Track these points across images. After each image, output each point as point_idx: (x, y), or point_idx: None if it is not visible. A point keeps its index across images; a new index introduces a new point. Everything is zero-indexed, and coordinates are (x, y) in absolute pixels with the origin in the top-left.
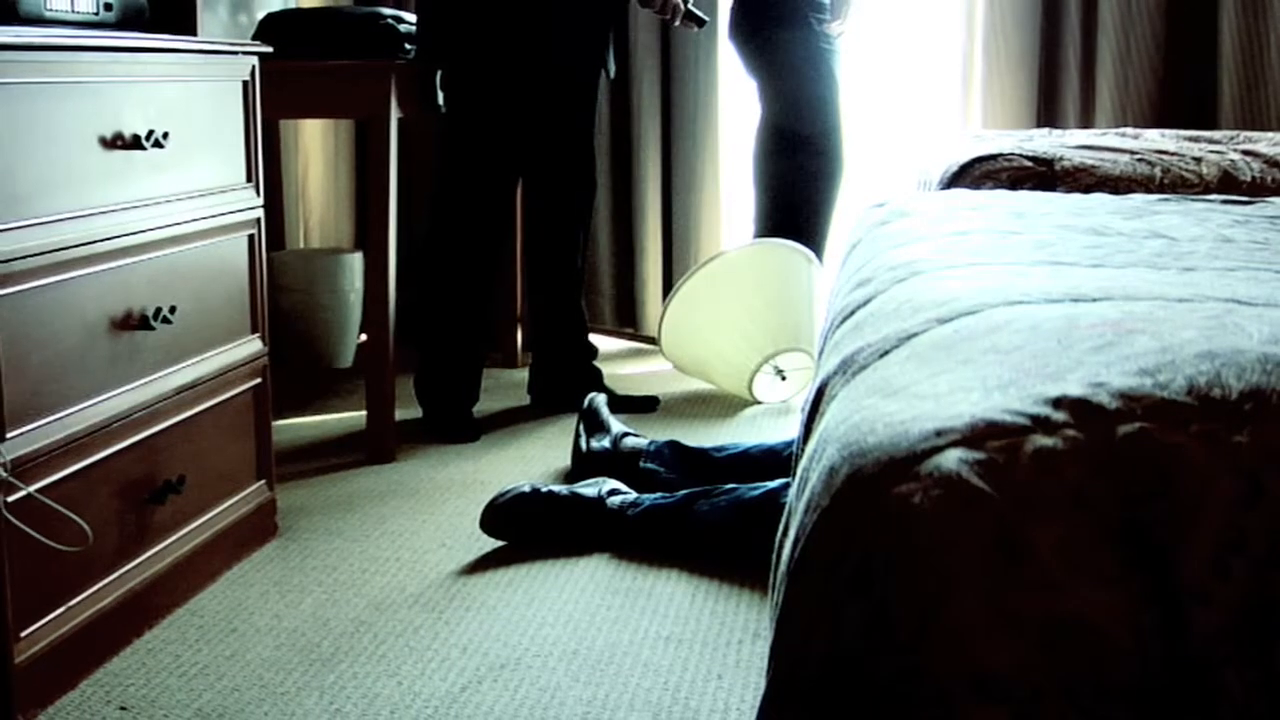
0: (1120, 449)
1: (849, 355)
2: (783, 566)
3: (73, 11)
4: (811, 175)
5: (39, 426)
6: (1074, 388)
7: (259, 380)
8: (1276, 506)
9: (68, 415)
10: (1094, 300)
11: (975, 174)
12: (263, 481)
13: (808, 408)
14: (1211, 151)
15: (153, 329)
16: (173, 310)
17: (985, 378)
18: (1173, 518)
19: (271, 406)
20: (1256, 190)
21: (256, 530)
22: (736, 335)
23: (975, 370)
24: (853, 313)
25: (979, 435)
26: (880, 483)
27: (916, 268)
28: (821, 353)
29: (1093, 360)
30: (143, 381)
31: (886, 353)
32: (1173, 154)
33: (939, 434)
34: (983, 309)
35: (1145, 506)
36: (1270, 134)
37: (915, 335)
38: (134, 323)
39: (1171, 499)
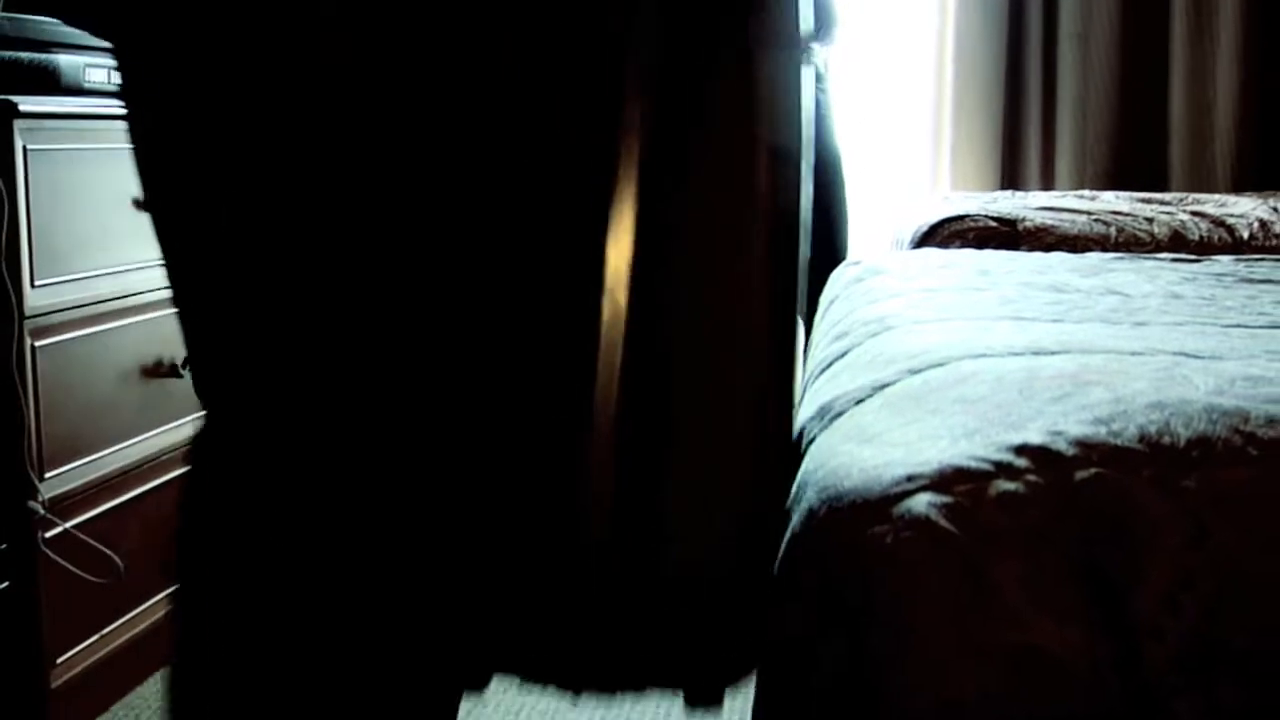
0: (1077, 493)
1: (826, 403)
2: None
3: (109, 83)
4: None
5: (75, 467)
6: (1034, 436)
7: None
8: (1222, 547)
9: (102, 457)
10: (1053, 353)
11: (944, 234)
12: None
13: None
14: (1162, 212)
15: (181, 376)
16: None
17: (952, 426)
18: (1127, 557)
19: None
20: (1204, 249)
21: None
22: None
23: (943, 419)
24: (830, 364)
25: (947, 480)
26: (856, 524)
27: (889, 322)
28: (801, 400)
29: (1052, 410)
30: (172, 425)
31: (861, 402)
32: (1127, 214)
33: (910, 479)
34: (950, 361)
35: (1101, 546)
36: (1216, 196)
37: (888, 386)
38: (164, 370)
39: (1125, 540)
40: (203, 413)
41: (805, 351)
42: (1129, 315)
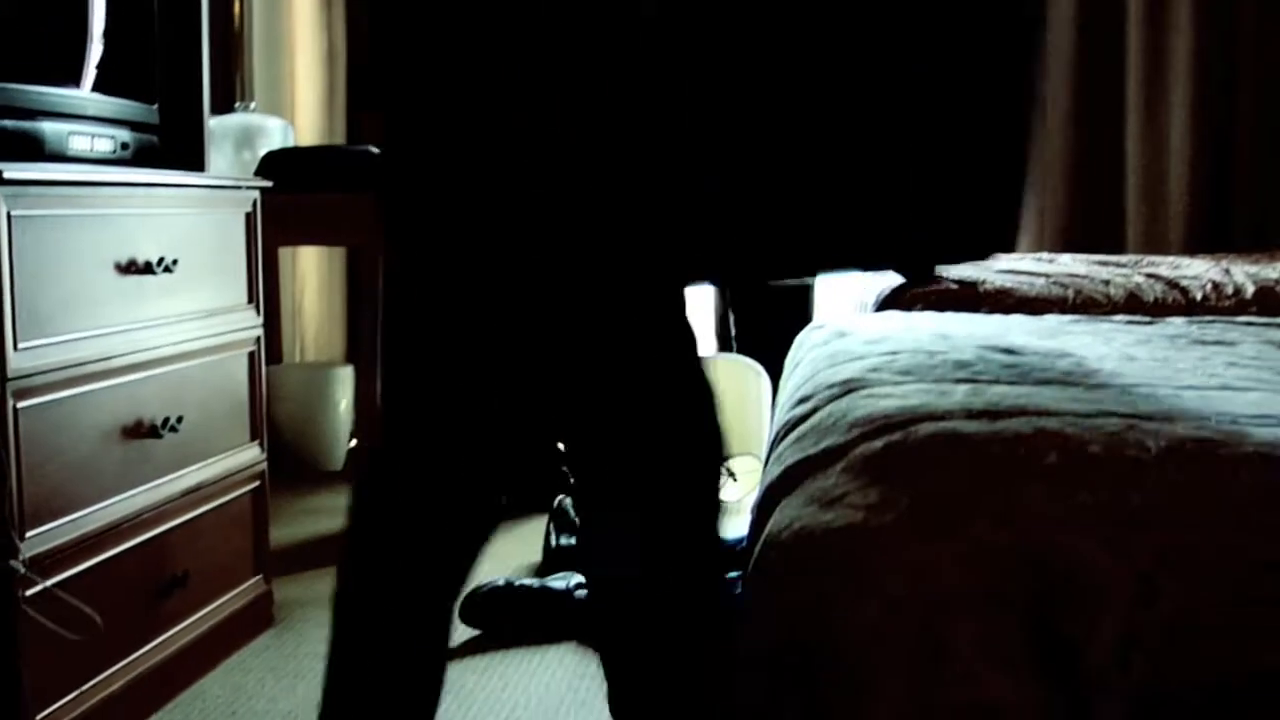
0: (1031, 554)
1: (790, 466)
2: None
3: (92, 150)
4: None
5: (56, 526)
6: (989, 499)
7: (258, 483)
8: (1170, 605)
9: (82, 516)
10: (1010, 416)
11: (906, 296)
12: (260, 576)
13: (755, 513)
14: (1119, 274)
15: (161, 437)
16: (179, 420)
17: (912, 487)
18: (1078, 615)
19: (269, 506)
20: (1159, 310)
21: (254, 621)
22: None
23: (902, 483)
24: (794, 426)
25: (904, 544)
26: (817, 587)
27: (851, 386)
28: (768, 461)
29: (1007, 473)
30: (151, 485)
31: (824, 465)
32: (1084, 277)
33: (868, 543)
34: (909, 424)
35: (1054, 605)
36: (1171, 258)
37: (849, 450)
38: (144, 431)
39: (1077, 598)
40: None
41: (772, 411)
42: (1085, 377)
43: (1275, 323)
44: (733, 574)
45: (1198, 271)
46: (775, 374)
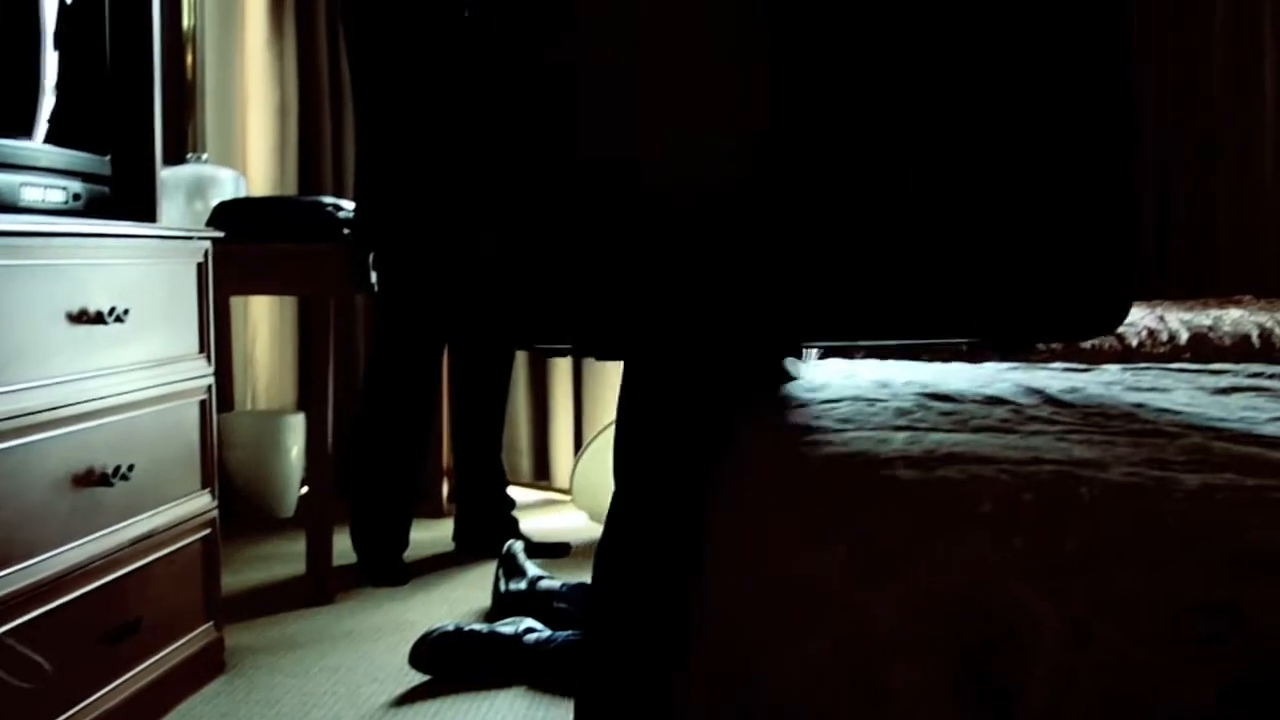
0: (967, 599)
1: None
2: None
3: (44, 201)
4: None
5: (6, 574)
6: (925, 545)
7: (208, 531)
8: (1103, 649)
9: (33, 564)
10: (947, 464)
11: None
12: (211, 623)
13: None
14: None
15: (112, 485)
16: (130, 468)
17: (851, 535)
18: (1013, 660)
19: (220, 553)
20: (1096, 357)
21: (205, 667)
22: None
23: (843, 528)
24: None
25: (844, 591)
26: (759, 630)
27: (794, 433)
28: None
29: (942, 521)
30: (102, 533)
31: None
32: None
33: (810, 588)
34: (849, 472)
35: (989, 650)
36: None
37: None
38: (95, 479)
39: (1012, 643)
40: None
41: None
42: (1021, 424)
43: (1208, 369)
44: None
45: (1133, 318)
46: None
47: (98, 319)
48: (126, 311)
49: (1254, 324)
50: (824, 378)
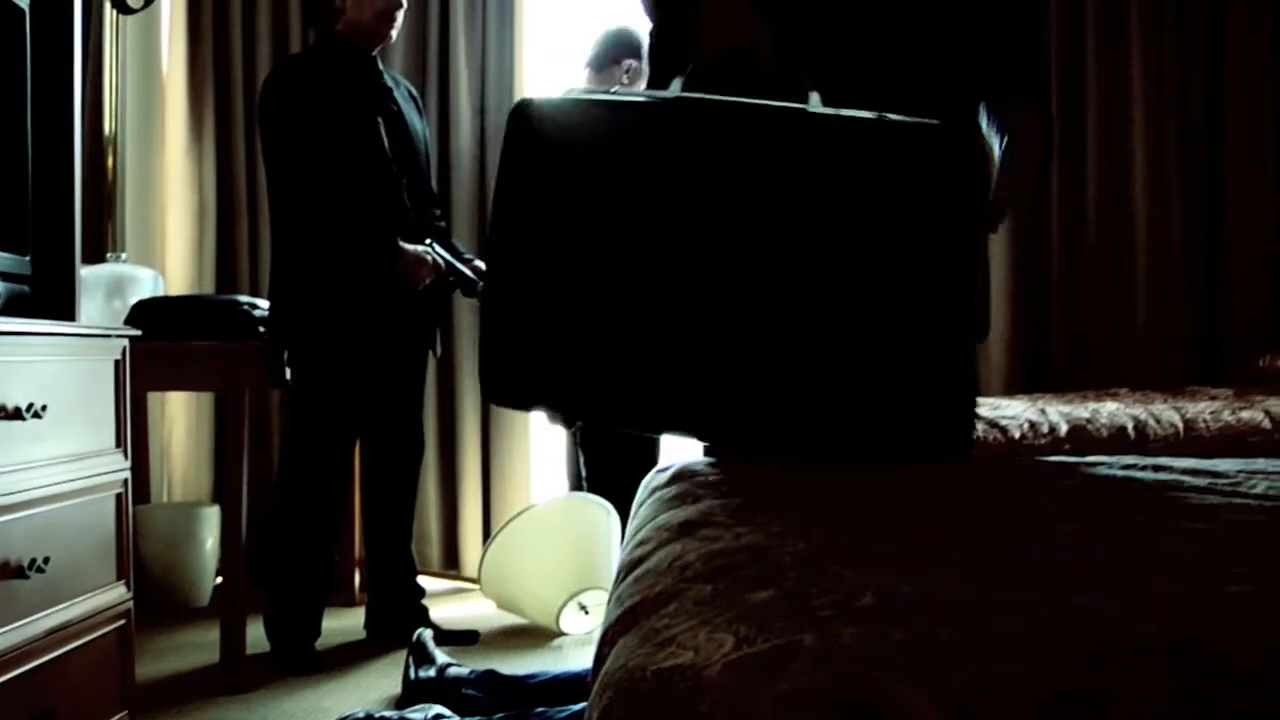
0: (848, 692)
1: (628, 608)
2: None
3: None
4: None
5: None
6: (808, 637)
7: (123, 622)
8: None
9: None
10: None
11: None
12: (125, 712)
13: (596, 652)
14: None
15: (28, 578)
16: (47, 561)
17: (737, 630)
18: None
19: (134, 643)
20: (980, 448)
21: None
22: (546, 576)
23: (729, 624)
24: (633, 568)
25: (728, 683)
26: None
27: (687, 529)
28: (610, 601)
29: (825, 614)
30: (16, 625)
31: (658, 607)
32: None
33: (695, 683)
34: (738, 566)
35: None
36: (991, 399)
37: (682, 592)
38: (10, 572)
39: None
40: None
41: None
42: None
43: (1087, 461)
44: (579, 706)
45: (1015, 411)
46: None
47: (16, 415)
48: (45, 407)
49: (1129, 416)
50: (720, 472)
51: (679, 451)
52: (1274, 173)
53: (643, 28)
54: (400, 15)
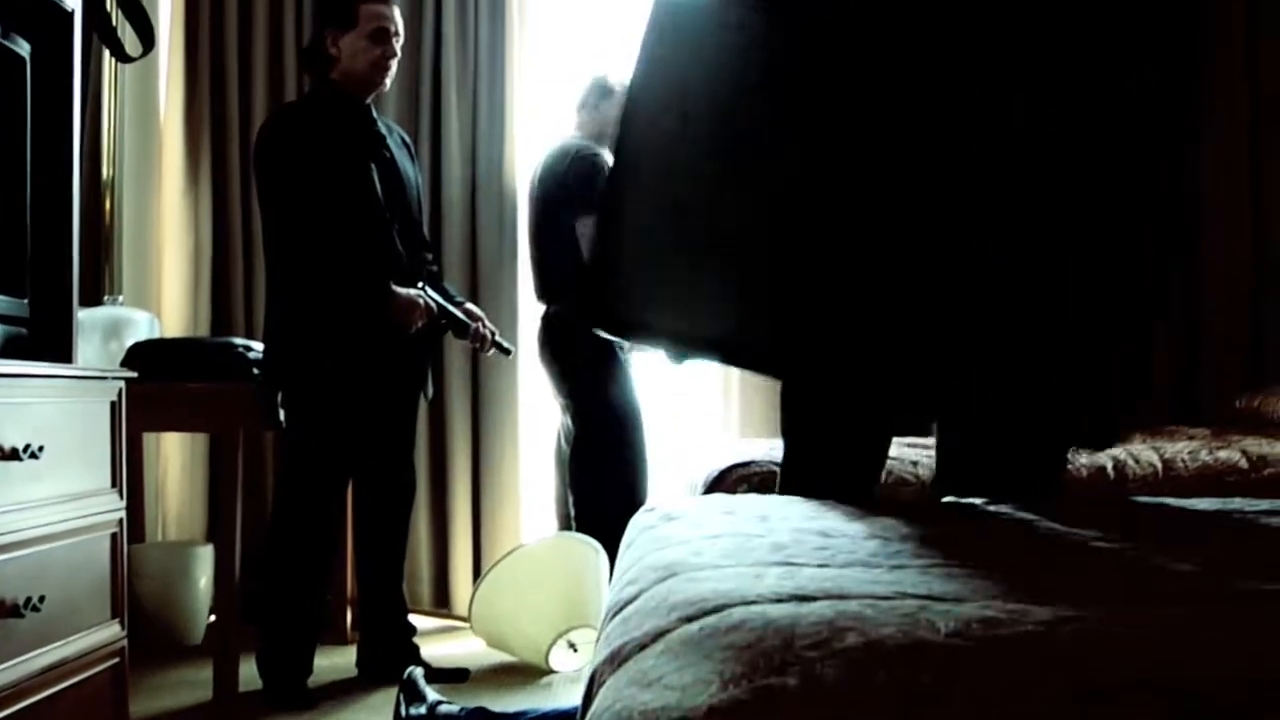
0: None
1: (616, 648)
2: None
3: None
4: (619, 483)
5: None
6: (792, 679)
7: (117, 660)
8: None
9: None
10: (815, 599)
11: (731, 479)
12: None
13: (584, 691)
14: (926, 455)
15: (23, 616)
16: (41, 599)
17: (722, 672)
18: None
19: (128, 681)
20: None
21: None
22: (535, 614)
23: (714, 665)
24: (622, 608)
25: None
26: None
27: (674, 570)
28: (598, 641)
29: (809, 656)
30: (11, 663)
31: (645, 647)
32: (894, 458)
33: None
34: (723, 609)
35: None
36: None
37: (668, 633)
38: (5, 611)
39: None
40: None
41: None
42: (887, 559)
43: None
44: None
45: None
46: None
47: (13, 455)
48: (41, 448)
49: (1109, 456)
50: (707, 512)
51: (665, 491)
52: (1250, 218)
53: (626, 74)
54: (393, 64)
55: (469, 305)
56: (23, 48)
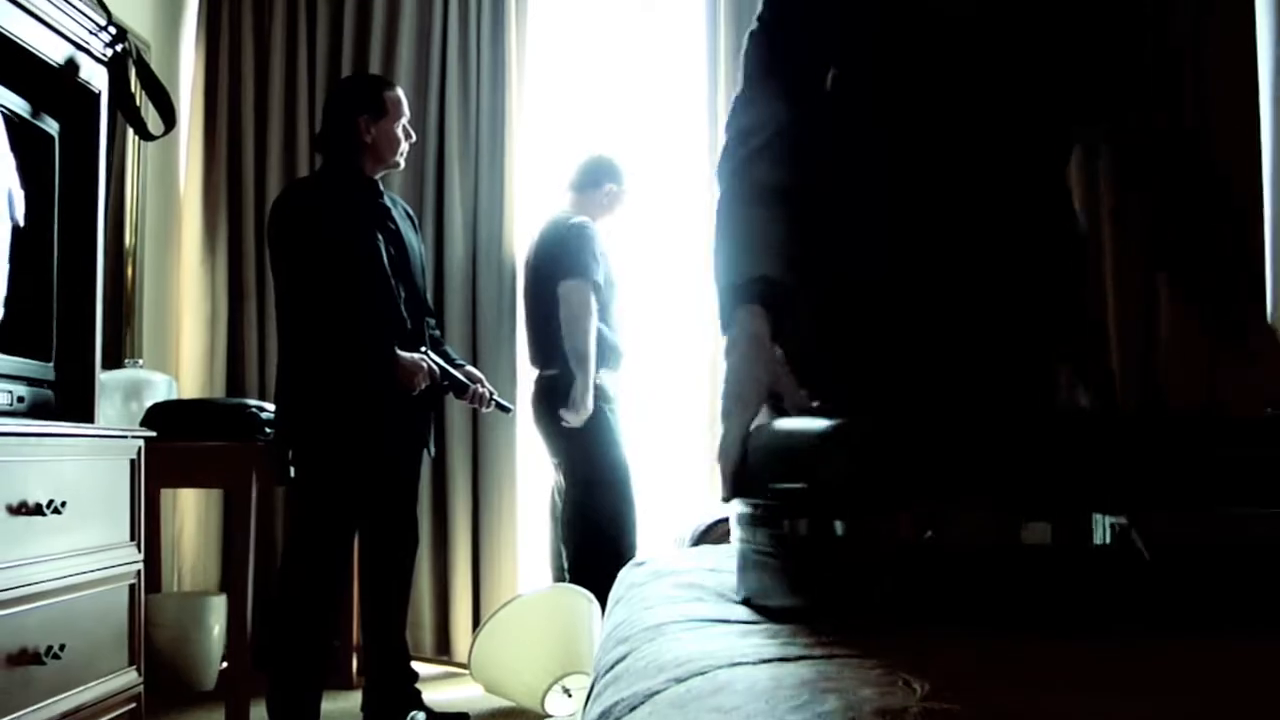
0: None
1: (606, 708)
2: None
3: None
4: (610, 537)
5: None
6: None
7: (133, 705)
8: None
9: None
10: (796, 660)
11: (717, 533)
12: None
13: None
14: None
15: (44, 664)
16: (62, 648)
17: None
18: None
19: None
20: None
21: None
22: (532, 661)
23: None
24: (612, 667)
25: None
26: None
27: (663, 630)
28: (588, 700)
29: (791, 718)
30: (32, 709)
31: (635, 708)
32: None
33: None
34: (709, 670)
35: None
36: None
37: (657, 694)
38: (28, 659)
39: None
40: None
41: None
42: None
43: None
44: None
45: None
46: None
47: (36, 510)
48: (64, 504)
49: None
50: (695, 567)
51: (654, 544)
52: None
53: (621, 155)
54: (408, 145)
55: (469, 367)
56: (52, 126)
